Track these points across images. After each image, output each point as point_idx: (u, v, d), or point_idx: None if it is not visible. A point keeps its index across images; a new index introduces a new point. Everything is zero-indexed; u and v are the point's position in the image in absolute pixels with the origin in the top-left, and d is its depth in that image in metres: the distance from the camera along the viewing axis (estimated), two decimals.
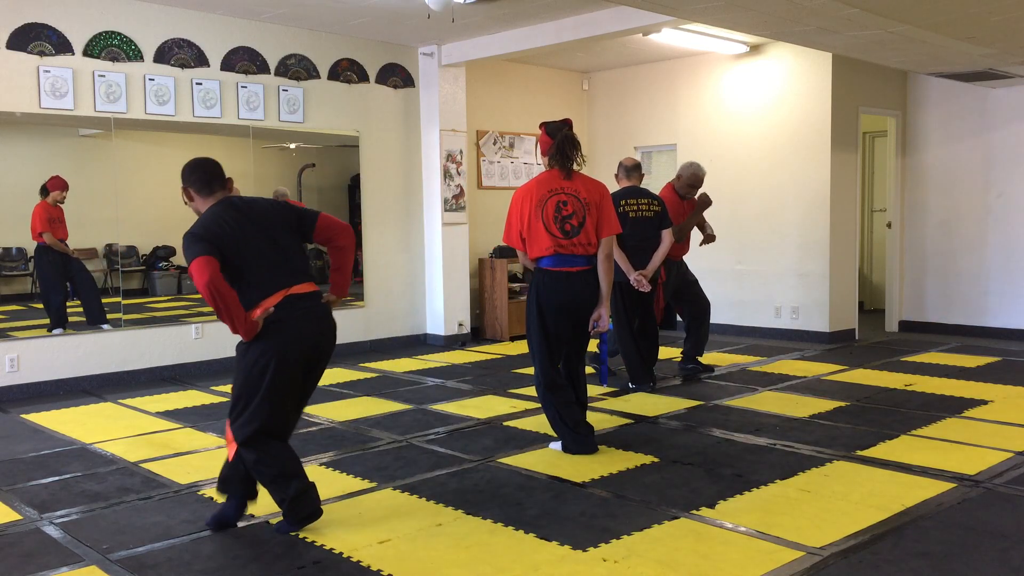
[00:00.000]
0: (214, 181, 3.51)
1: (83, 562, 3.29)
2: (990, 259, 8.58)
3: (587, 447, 4.60)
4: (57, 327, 6.73)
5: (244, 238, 3.38)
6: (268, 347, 3.38)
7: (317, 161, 8.47)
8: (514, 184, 9.54)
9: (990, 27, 5.85)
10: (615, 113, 9.97)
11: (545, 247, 4.50)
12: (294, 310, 3.42)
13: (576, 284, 4.53)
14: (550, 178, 4.57)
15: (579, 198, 4.52)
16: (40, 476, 4.41)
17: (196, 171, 3.51)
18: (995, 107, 8.49)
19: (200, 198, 3.50)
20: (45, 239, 6.70)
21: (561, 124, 4.63)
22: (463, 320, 8.76)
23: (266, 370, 3.39)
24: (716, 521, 3.59)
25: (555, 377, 4.64)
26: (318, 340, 3.53)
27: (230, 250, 3.34)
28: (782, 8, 5.40)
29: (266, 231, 3.45)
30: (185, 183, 3.52)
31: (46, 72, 6.38)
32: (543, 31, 7.55)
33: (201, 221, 3.41)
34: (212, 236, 3.33)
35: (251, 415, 3.42)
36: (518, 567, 3.16)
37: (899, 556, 3.20)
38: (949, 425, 5.12)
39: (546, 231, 4.49)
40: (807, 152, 8.34)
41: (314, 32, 7.83)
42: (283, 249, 3.47)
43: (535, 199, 4.52)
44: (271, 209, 3.56)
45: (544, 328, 4.58)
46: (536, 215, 4.50)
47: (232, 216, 3.42)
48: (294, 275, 3.48)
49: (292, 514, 3.52)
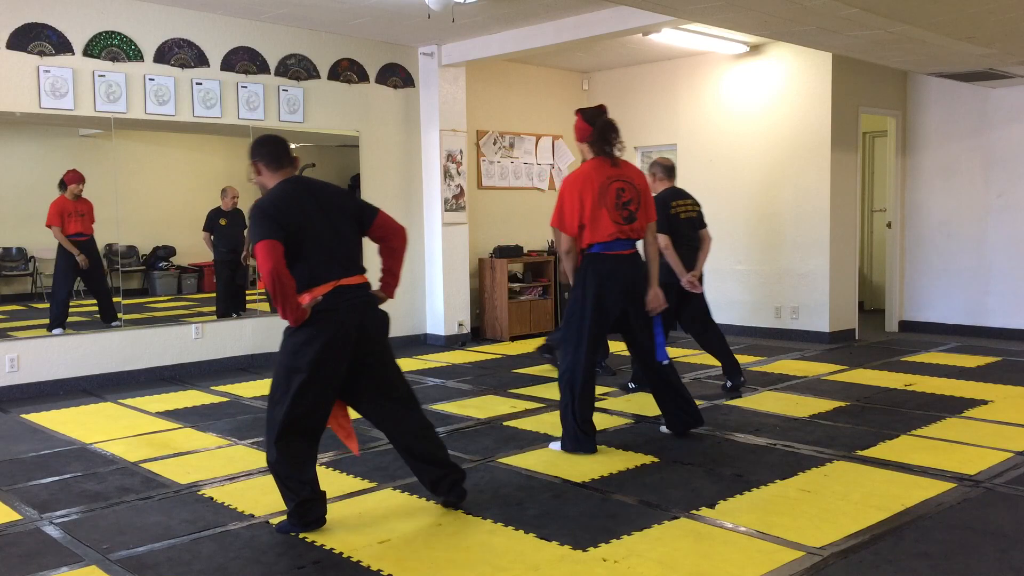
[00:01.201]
0: (283, 157, 3.54)
1: (83, 562, 3.29)
2: (990, 259, 8.58)
3: (590, 447, 4.60)
4: (57, 327, 6.73)
5: (308, 220, 3.40)
6: (313, 334, 3.39)
7: (317, 161, 8.46)
8: (514, 184, 9.54)
9: (990, 27, 5.85)
10: (615, 113, 9.80)
11: (608, 232, 4.52)
12: (341, 300, 3.43)
13: (635, 266, 4.63)
14: (601, 165, 4.58)
15: (633, 184, 4.59)
16: (40, 476, 4.41)
17: (266, 146, 3.54)
18: (995, 107, 8.49)
19: (268, 172, 3.52)
20: (53, 234, 6.72)
21: (598, 110, 4.66)
22: (463, 320, 8.76)
23: (307, 357, 3.39)
24: (716, 521, 3.59)
25: (593, 369, 4.63)
26: (364, 329, 3.50)
27: (293, 229, 3.36)
28: (782, 8, 5.40)
29: (330, 217, 3.47)
30: (254, 157, 3.54)
31: (46, 72, 6.38)
32: (543, 31, 7.55)
33: (270, 195, 3.44)
34: (279, 213, 3.35)
35: (290, 405, 3.40)
36: (518, 567, 3.16)
37: (899, 556, 3.20)
38: (949, 425, 5.12)
39: (609, 218, 4.52)
40: (807, 152, 8.34)
41: (314, 32, 7.83)
42: (342, 238, 3.49)
43: (595, 186, 4.52)
44: (338, 196, 3.59)
45: (602, 314, 4.55)
46: (600, 202, 4.51)
47: (300, 195, 3.45)
48: (348, 266, 3.49)
49: (297, 517, 3.52)
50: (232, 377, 7.05)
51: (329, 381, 3.45)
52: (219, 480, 4.27)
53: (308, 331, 3.40)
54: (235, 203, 7.70)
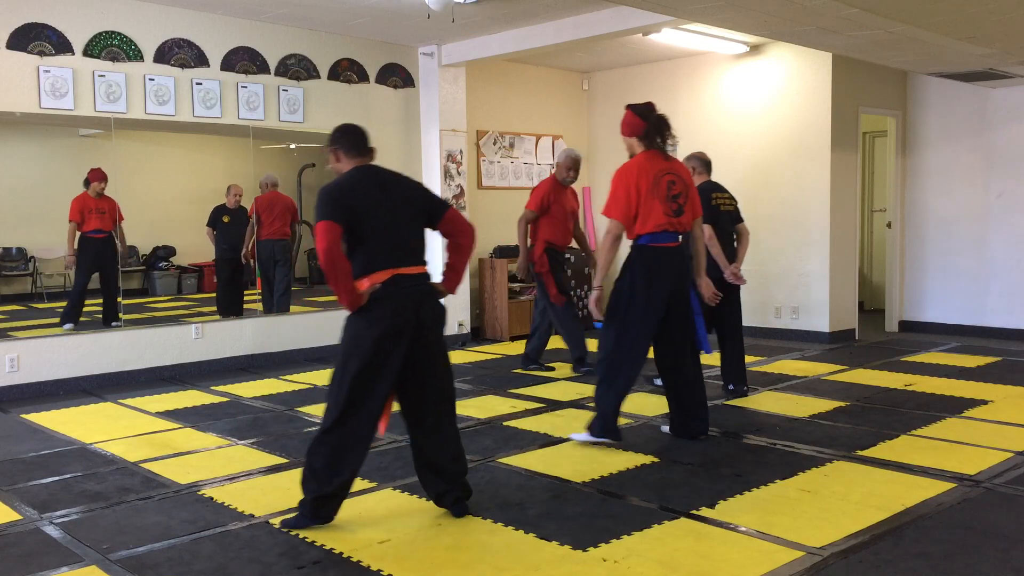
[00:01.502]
0: (362, 146, 3.59)
1: (83, 562, 3.29)
2: (990, 259, 8.58)
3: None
4: (69, 322, 6.79)
5: (375, 208, 3.45)
6: (371, 321, 3.43)
7: (317, 161, 8.47)
8: (514, 184, 9.54)
9: (990, 27, 5.85)
10: (615, 113, 9.88)
11: (657, 224, 4.58)
12: (398, 288, 3.46)
13: (682, 260, 4.71)
14: (654, 158, 4.65)
15: (683, 179, 4.69)
16: (40, 476, 4.41)
17: (348, 134, 3.59)
18: (995, 107, 8.49)
19: (347, 159, 3.58)
20: (69, 229, 6.88)
21: (649, 106, 4.74)
22: (463, 320, 8.76)
23: (365, 344, 3.42)
24: (716, 521, 3.59)
25: (637, 358, 4.66)
26: (420, 317, 3.51)
27: (358, 216, 3.41)
28: (782, 8, 5.40)
29: (395, 207, 3.51)
30: (334, 144, 3.59)
31: (46, 72, 6.38)
32: (543, 31, 7.55)
33: (338, 180, 3.49)
34: (345, 198, 3.41)
35: (344, 387, 3.43)
36: (518, 567, 3.16)
37: (899, 556, 3.20)
38: (949, 425, 5.12)
39: (661, 209, 4.58)
40: (807, 152, 8.34)
41: (314, 32, 7.83)
42: (405, 228, 3.53)
43: (651, 176, 4.58)
44: (408, 187, 3.62)
45: (650, 304, 4.60)
46: (653, 192, 4.57)
47: (370, 184, 3.50)
48: (409, 257, 3.52)
49: (311, 509, 3.52)
50: (232, 377, 7.05)
51: (386, 368, 3.46)
52: (219, 480, 4.27)
53: (366, 317, 3.44)
54: (239, 201, 7.70)
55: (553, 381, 6.66)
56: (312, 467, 3.51)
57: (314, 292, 8.65)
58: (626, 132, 4.77)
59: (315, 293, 8.63)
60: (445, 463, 3.66)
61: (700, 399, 4.87)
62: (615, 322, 4.67)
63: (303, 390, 6.46)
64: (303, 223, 8.65)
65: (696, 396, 4.85)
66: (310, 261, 8.74)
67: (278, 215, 7.87)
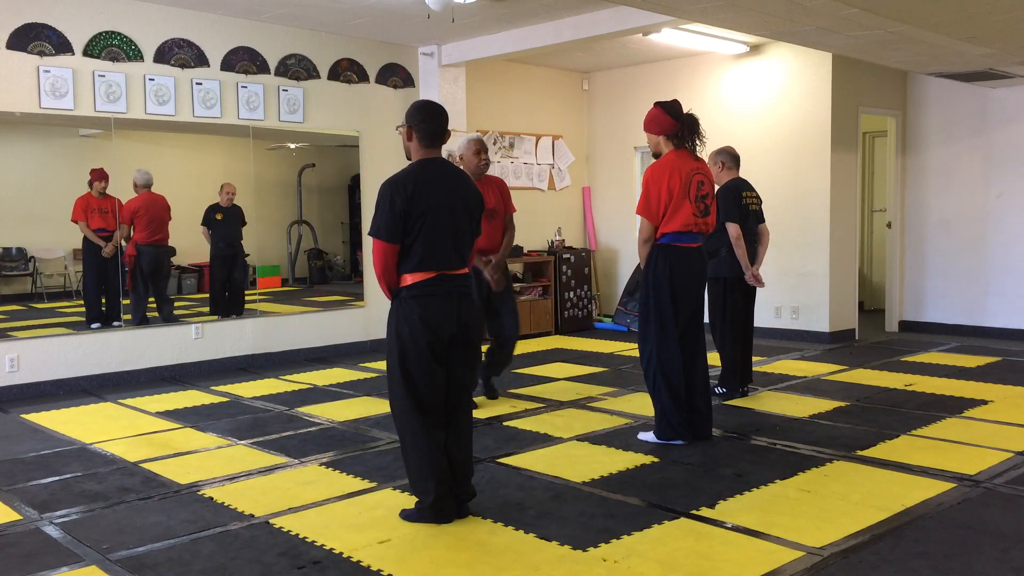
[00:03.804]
0: (439, 136, 3.60)
1: (83, 562, 3.29)
2: (990, 259, 8.58)
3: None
4: (95, 321, 6.85)
5: (433, 207, 3.48)
6: (410, 313, 3.49)
7: (317, 161, 8.47)
8: (514, 184, 9.53)
9: (990, 27, 5.85)
10: (615, 113, 9.97)
11: (683, 223, 4.60)
12: (440, 288, 3.51)
13: (702, 259, 4.76)
14: (684, 157, 4.66)
15: (710, 179, 4.73)
16: (40, 476, 4.41)
17: (427, 120, 3.57)
18: (995, 107, 8.49)
19: (419, 146, 3.58)
20: (80, 228, 6.83)
21: (677, 105, 4.73)
22: None
23: (405, 335, 3.50)
24: (716, 521, 3.59)
25: (677, 365, 4.68)
26: (461, 317, 3.57)
27: (415, 210, 3.44)
28: (782, 8, 5.40)
29: (453, 209, 3.55)
30: (411, 122, 3.58)
31: (46, 72, 6.38)
32: (543, 31, 7.54)
33: (405, 175, 3.50)
34: (407, 201, 3.43)
35: (399, 386, 3.52)
36: (518, 567, 3.16)
37: (899, 556, 3.20)
38: (949, 425, 5.12)
39: (690, 209, 4.60)
40: (807, 152, 8.34)
41: (314, 32, 7.82)
42: (458, 231, 3.57)
43: (683, 175, 4.60)
44: (465, 188, 3.64)
45: (677, 302, 4.64)
46: (684, 191, 4.59)
47: (433, 183, 3.52)
48: (455, 259, 3.57)
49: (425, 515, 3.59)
50: (232, 377, 7.05)
51: (431, 355, 3.51)
52: (219, 480, 4.27)
53: (406, 311, 3.51)
54: (231, 199, 7.69)
55: (554, 381, 6.66)
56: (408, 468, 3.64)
57: (314, 292, 8.65)
58: (654, 130, 4.74)
59: (315, 293, 8.63)
60: (463, 459, 3.69)
61: (708, 401, 4.86)
62: (649, 325, 4.71)
63: (303, 390, 6.46)
64: (303, 223, 8.65)
65: (705, 397, 4.84)
66: (310, 262, 8.74)
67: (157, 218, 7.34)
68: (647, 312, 4.72)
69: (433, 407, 3.56)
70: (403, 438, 3.62)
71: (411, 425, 3.55)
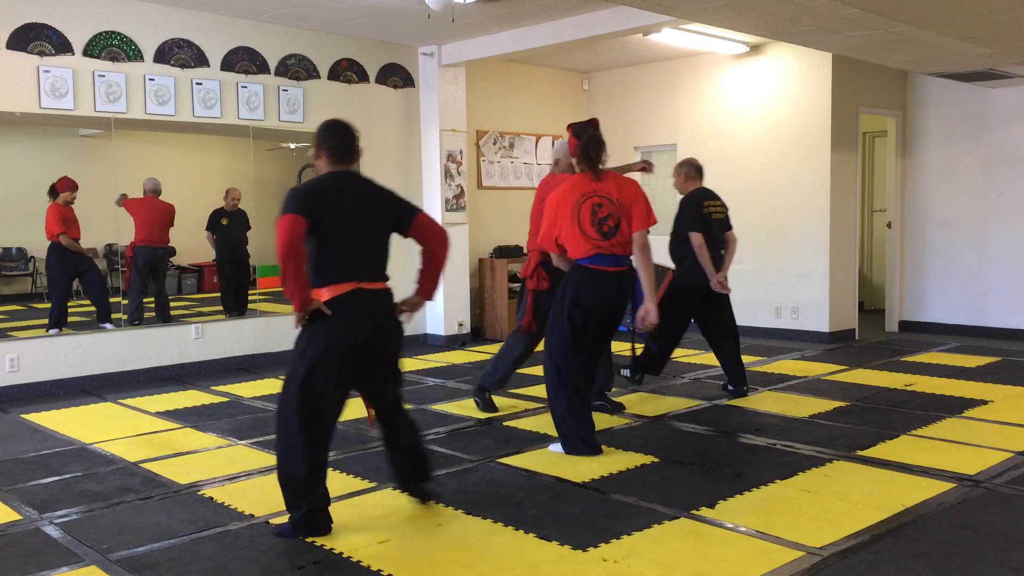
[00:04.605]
0: (347, 154, 3.51)
1: (83, 562, 3.29)
2: (990, 259, 8.58)
3: (592, 449, 4.59)
4: (55, 327, 6.73)
5: (343, 217, 3.38)
6: (323, 331, 3.38)
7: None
8: (515, 184, 9.54)
9: (990, 27, 5.85)
10: (615, 113, 9.97)
11: (585, 250, 4.48)
12: (356, 305, 3.41)
13: (612, 285, 4.53)
14: (582, 181, 4.55)
15: (612, 199, 4.50)
16: (40, 476, 4.41)
17: (335, 138, 3.50)
18: (995, 107, 8.49)
19: (327, 164, 3.51)
20: (62, 240, 6.72)
21: (587, 125, 4.65)
22: (463, 320, 8.76)
23: (313, 355, 3.38)
24: (716, 521, 3.59)
25: (576, 378, 4.59)
26: (374, 337, 3.48)
27: (326, 222, 3.35)
28: (782, 8, 5.40)
29: (365, 220, 3.44)
30: (319, 144, 3.50)
31: (46, 72, 6.38)
32: (543, 31, 7.55)
33: (311, 183, 3.44)
34: (314, 202, 3.34)
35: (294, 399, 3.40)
36: (518, 567, 3.16)
37: (899, 556, 3.20)
38: (949, 425, 5.12)
39: (583, 235, 4.47)
40: (807, 152, 8.34)
41: (314, 32, 7.82)
42: (372, 242, 3.48)
43: (570, 204, 4.50)
44: (379, 199, 3.54)
45: (573, 325, 4.54)
46: (572, 220, 4.48)
47: (344, 190, 3.44)
48: (371, 270, 3.47)
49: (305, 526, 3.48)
50: (232, 377, 7.05)
51: (337, 381, 3.43)
52: (219, 480, 4.27)
53: (319, 328, 3.38)
54: (236, 204, 7.70)
55: None
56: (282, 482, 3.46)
57: None
58: (571, 152, 4.70)
59: None
60: (412, 443, 3.68)
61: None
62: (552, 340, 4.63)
63: None
64: None
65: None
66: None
67: (150, 220, 7.28)
68: (551, 329, 4.63)
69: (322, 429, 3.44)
70: (281, 451, 3.45)
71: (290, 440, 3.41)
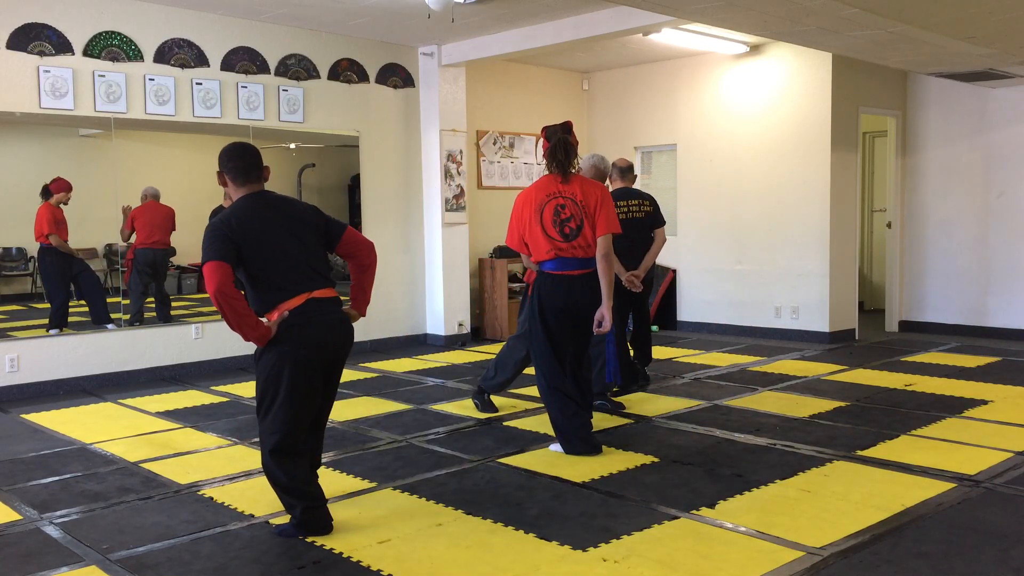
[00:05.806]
0: (251, 171, 3.44)
1: (83, 562, 3.29)
2: (990, 259, 8.58)
3: (590, 448, 4.60)
4: (55, 327, 6.73)
5: (270, 236, 3.33)
6: (284, 352, 3.33)
7: (317, 161, 8.47)
8: (514, 184, 9.54)
9: (990, 27, 5.85)
10: (615, 113, 9.97)
11: (546, 251, 4.52)
12: (313, 315, 3.37)
13: (576, 288, 4.54)
14: (549, 182, 4.60)
15: (576, 201, 4.51)
16: (40, 476, 4.41)
17: (233, 158, 3.43)
18: (995, 107, 8.49)
19: (234, 186, 3.44)
20: (52, 241, 6.69)
21: (559, 128, 4.67)
22: (463, 320, 8.76)
23: (282, 376, 3.34)
24: (716, 521, 3.59)
25: (561, 380, 4.60)
26: (336, 347, 3.48)
27: (252, 248, 3.29)
28: (782, 8, 5.40)
29: (295, 231, 3.40)
30: (222, 168, 3.45)
31: (46, 72, 6.38)
32: (543, 31, 7.54)
33: (226, 214, 3.35)
34: (233, 233, 3.27)
35: (273, 422, 3.38)
36: (518, 567, 3.16)
37: (899, 556, 3.20)
38: (949, 425, 5.12)
39: (545, 235, 4.51)
40: (807, 152, 8.34)
41: (314, 32, 7.83)
42: (310, 252, 3.42)
43: (534, 204, 4.55)
44: (303, 210, 3.51)
45: (547, 331, 4.58)
46: (535, 220, 4.53)
47: (261, 212, 3.37)
48: (317, 279, 3.42)
49: (304, 527, 3.49)
50: (232, 377, 7.05)
51: (307, 398, 3.41)
52: (219, 480, 4.27)
53: (279, 351, 3.33)
54: None
55: None
56: (278, 489, 3.49)
57: None
58: (543, 154, 4.74)
59: None
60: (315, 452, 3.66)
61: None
62: (532, 347, 4.70)
63: None
64: None
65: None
66: None
67: (151, 223, 7.23)
68: (532, 334, 4.67)
69: (300, 438, 3.44)
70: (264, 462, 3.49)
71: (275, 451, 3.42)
